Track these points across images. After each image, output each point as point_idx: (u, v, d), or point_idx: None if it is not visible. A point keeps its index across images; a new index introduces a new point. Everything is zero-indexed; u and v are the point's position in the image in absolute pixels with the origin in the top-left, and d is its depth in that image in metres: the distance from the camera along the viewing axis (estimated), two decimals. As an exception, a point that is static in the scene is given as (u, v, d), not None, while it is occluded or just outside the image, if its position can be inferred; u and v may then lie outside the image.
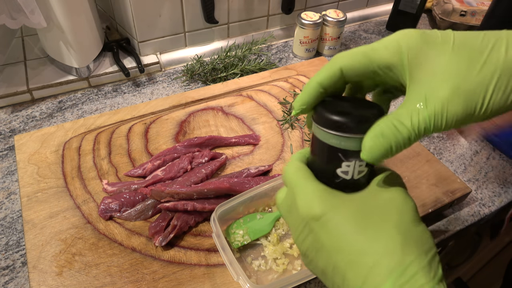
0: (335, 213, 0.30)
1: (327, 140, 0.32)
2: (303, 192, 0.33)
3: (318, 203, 0.31)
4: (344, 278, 0.29)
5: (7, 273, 0.52)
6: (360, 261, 0.29)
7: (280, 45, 1.01)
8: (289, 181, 0.35)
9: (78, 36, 0.76)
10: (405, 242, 0.28)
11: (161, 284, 0.49)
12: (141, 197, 0.58)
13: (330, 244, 0.30)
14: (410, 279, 0.27)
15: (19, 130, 0.72)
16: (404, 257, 0.28)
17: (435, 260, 0.29)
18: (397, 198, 0.31)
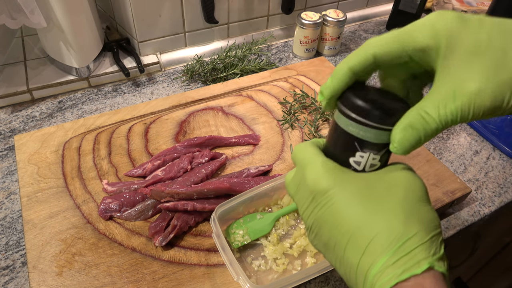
0: (342, 188, 0.31)
1: (346, 127, 0.32)
2: (313, 167, 0.33)
3: (327, 177, 0.31)
4: (344, 250, 0.30)
5: (7, 273, 0.52)
6: (361, 234, 0.29)
7: (280, 45, 1.01)
8: (299, 158, 0.35)
9: (78, 36, 0.76)
10: (407, 217, 0.28)
11: (161, 284, 0.49)
12: (141, 197, 0.58)
13: (334, 217, 0.31)
14: (408, 253, 0.27)
15: (19, 130, 0.72)
16: (405, 231, 0.28)
17: (437, 240, 0.29)
18: (405, 176, 0.31)
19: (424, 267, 0.27)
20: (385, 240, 0.28)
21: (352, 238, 0.29)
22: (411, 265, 0.27)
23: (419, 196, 0.30)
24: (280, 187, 0.57)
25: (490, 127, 0.80)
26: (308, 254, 0.53)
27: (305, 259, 0.53)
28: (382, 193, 0.30)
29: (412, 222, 0.28)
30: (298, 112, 0.76)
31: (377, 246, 0.28)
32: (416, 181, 0.31)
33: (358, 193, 0.30)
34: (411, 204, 0.29)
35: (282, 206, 0.58)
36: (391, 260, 0.27)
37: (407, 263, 0.27)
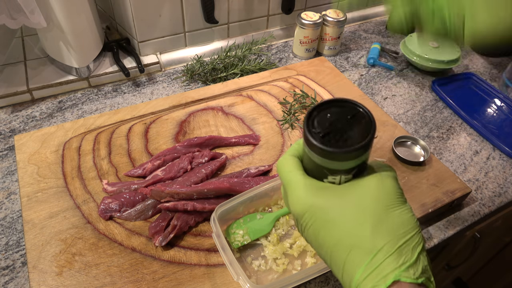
0: (316, 208, 0.32)
1: (313, 158, 0.33)
2: (292, 189, 0.34)
3: (303, 200, 0.33)
4: (331, 266, 0.32)
5: (7, 273, 0.52)
6: (337, 253, 0.30)
7: (280, 45, 1.01)
8: (282, 176, 0.36)
9: (78, 36, 0.76)
10: (375, 229, 0.29)
11: (161, 284, 0.49)
12: (141, 197, 0.58)
13: (316, 238, 0.32)
14: (377, 267, 0.28)
15: (19, 130, 0.72)
16: (373, 246, 0.29)
17: (408, 246, 0.29)
18: (373, 183, 0.32)
19: (389, 281, 0.27)
20: (357, 256, 0.29)
21: (333, 258, 0.31)
22: (378, 280, 0.28)
23: (388, 201, 0.31)
24: (280, 187, 0.57)
25: (490, 127, 0.80)
26: (308, 254, 0.53)
27: (305, 259, 0.53)
28: (353, 206, 0.31)
29: (379, 234, 0.29)
30: (298, 112, 0.76)
31: (351, 263, 0.29)
32: (384, 186, 0.31)
33: (332, 211, 0.31)
34: (379, 213, 0.30)
35: (282, 206, 0.58)
36: (363, 276, 0.28)
37: (375, 277, 0.28)
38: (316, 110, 0.33)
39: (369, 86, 0.89)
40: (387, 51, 1.00)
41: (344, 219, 0.30)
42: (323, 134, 0.31)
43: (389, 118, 0.76)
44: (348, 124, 0.32)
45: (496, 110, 0.85)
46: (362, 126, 0.32)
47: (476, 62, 1.01)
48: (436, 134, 0.78)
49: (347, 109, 0.33)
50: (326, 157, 0.31)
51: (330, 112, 0.33)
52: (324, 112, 0.33)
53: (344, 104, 0.33)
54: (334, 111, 0.33)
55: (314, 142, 0.31)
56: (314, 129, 0.32)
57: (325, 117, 0.33)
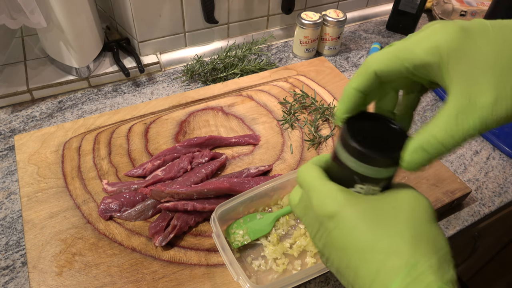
0: (349, 212, 0.30)
1: (346, 161, 0.33)
2: (318, 192, 0.33)
3: (332, 201, 0.31)
4: (355, 276, 0.30)
5: (7, 273, 0.52)
6: (370, 259, 0.29)
7: (280, 45, 1.01)
8: (304, 181, 0.35)
9: (78, 36, 0.76)
10: (414, 240, 0.28)
11: (161, 284, 0.49)
12: (141, 197, 0.58)
13: (343, 242, 0.30)
14: (418, 276, 0.27)
15: (19, 130, 0.72)
16: (412, 255, 0.28)
17: (446, 260, 0.28)
18: (410, 196, 0.31)
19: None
20: (394, 265, 0.28)
21: (362, 263, 0.29)
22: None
23: (425, 216, 0.30)
24: (280, 187, 0.57)
25: (490, 127, 0.80)
26: (308, 254, 0.53)
27: (305, 259, 0.53)
28: (388, 215, 0.30)
29: (419, 245, 0.28)
30: (298, 112, 0.76)
31: (387, 271, 0.28)
32: (421, 201, 0.31)
33: (364, 216, 0.30)
34: (418, 225, 0.29)
35: (282, 206, 0.58)
36: (401, 285, 0.27)
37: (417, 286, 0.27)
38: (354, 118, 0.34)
39: (369, 86, 0.89)
40: (387, 51, 1.00)
41: (381, 225, 0.29)
42: (361, 137, 0.32)
43: (389, 118, 0.76)
44: (384, 135, 0.33)
45: (496, 110, 0.85)
46: (397, 139, 0.32)
47: (476, 62, 1.01)
48: (436, 134, 0.78)
49: (382, 123, 0.34)
50: (362, 160, 0.31)
51: (366, 122, 0.34)
52: (361, 122, 0.34)
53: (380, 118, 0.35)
54: (370, 122, 0.34)
55: (353, 142, 0.31)
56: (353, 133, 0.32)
57: (363, 125, 0.33)
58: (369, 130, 0.33)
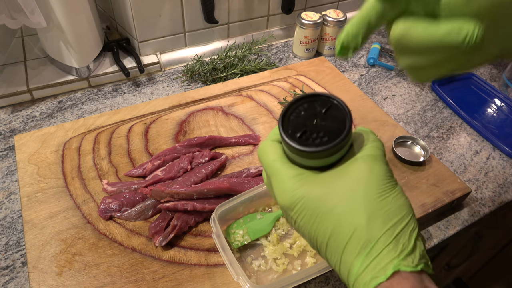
0: (306, 200, 0.31)
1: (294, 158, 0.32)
2: (277, 180, 0.33)
3: (289, 192, 0.32)
4: (328, 261, 0.32)
5: (7, 273, 0.52)
6: (333, 243, 0.30)
7: (280, 45, 1.01)
8: (263, 164, 0.35)
9: (78, 36, 0.76)
10: (370, 218, 0.29)
11: (161, 284, 0.49)
12: (141, 197, 0.58)
13: (309, 230, 0.31)
14: (376, 257, 0.28)
15: (19, 130, 0.72)
16: (370, 235, 0.28)
17: (405, 233, 0.29)
18: (363, 168, 0.31)
19: (389, 272, 0.27)
20: (354, 247, 0.29)
21: (328, 248, 0.30)
22: (378, 271, 0.28)
23: (380, 186, 0.30)
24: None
25: (490, 127, 0.80)
26: (308, 254, 0.53)
27: (305, 259, 0.53)
28: (346, 196, 0.30)
29: (375, 223, 0.29)
30: (298, 112, 0.76)
31: (349, 254, 0.29)
32: (372, 172, 0.30)
33: (323, 202, 0.30)
34: (373, 201, 0.29)
35: (282, 206, 0.58)
36: (362, 267, 0.28)
37: (374, 268, 0.28)
38: (289, 108, 0.32)
39: (369, 86, 0.89)
40: (387, 51, 1.00)
41: (338, 209, 0.30)
42: (300, 133, 0.31)
43: (389, 118, 0.76)
44: (324, 119, 0.31)
45: (496, 110, 0.85)
46: (338, 117, 0.31)
47: (476, 62, 1.01)
48: (436, 134, 0.78)
49: (320, 103, 0.32)
50: (307, 157, 0.31)
51: (303, 109, 0.32)
52: (298, 110, 0.32)
53: (316, 98, 0.32)
54: (307, 107, 0.32)
55: (292, 144, 0.30)
56: (290, 129, 0.31)
57: (300, 115, 0.32)
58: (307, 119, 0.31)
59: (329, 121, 0.31)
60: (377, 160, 0.31)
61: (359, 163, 0.31)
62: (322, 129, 0.31)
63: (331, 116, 0.31)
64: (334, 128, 0.30)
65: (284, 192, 0.32)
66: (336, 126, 0.30)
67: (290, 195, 0.32)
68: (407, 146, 0.71)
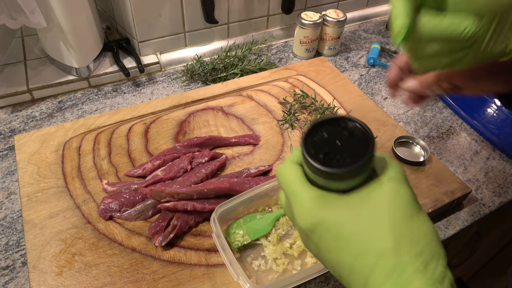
0: (328, 223, 0.30)
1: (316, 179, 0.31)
2: (297, 202, 0.32)
3: (311, 215, 0.31)
4: (348, 284, 0.30)
5: (7, 273, 0.52)
6: (357, 269, 0.29)
7: (280, 45, 1.01)
8: (283, 186, 0.34)
9: (78, 36, 0.76)
10: (398, 242, 0.28)
11: (161, 284, 0.49)
12: (141, 197, 0.58)
13: (330, 254, 0.31)
14: (405, 282, 0.27)
15: (19, 130, 0.72)
16: (398, 260, 0.28)
17: (433, 256, 0.28)
18: (388, 192, 0.30)
19: None
20: (381, 272, 0.28)
21: (352, 271, 0.29)
22: None
23: (406, 210, 0.29)
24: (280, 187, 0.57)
25: (490, 127, 0.80)
26: (308, 254, 0.53)
27: (305, 259, 0.53)
28: (370, 220, 0.29)
29: (402, 247, 0.28)
30: (298, 112, 0.76)
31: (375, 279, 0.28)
32: (398, 196, 0.30)
33: (347, 225, 0.30)
34: (399, 225, 0.29)
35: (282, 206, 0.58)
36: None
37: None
38: (312, 131, 0.32)
39: (369, 86, 0.89)
40: (387, 51, 1.00)
41: (363, 233, 0.29)
42: (323, 155, 0.30)
43: (389, 118, 0.76)
44: (347, 141, 0.31)
45: (496, 110, 0.85)
46: (361, 140, 0.31)
47: (476, 62, 1.01)
48: (436, 134, 0.78)
49: (343, 126, 0.32)
50: (330, 179, 0.30)
51: (326, 131, 0.32)
52: (320, 132, 0.32)
53: (339, 121, 0.32)
54: (330, 129, 0.32)
55: (315, 164, 0.30)
56: (313, 150, 0.31)
57: (322, 137, 0.32)
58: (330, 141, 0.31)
59: (352, 143, 0.31)
60: (402, 184, 0.31)
61: (383, 186, 0.30)
62: (345, 151, 0.30)
63: (354, 139, 0.31)
64: (357, 150, 0.30)
65: (304, 214, 0.31)
66: (359, 149, 0.30)
67: (311, 217, 0.31)
68: (407, 146, 0.71)
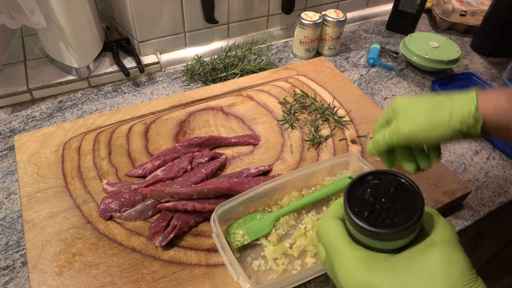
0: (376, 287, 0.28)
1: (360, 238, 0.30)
2: (341, 261, 0.30)
3: (357, 278, 0.29)
4: None
5: (7, 273, 0.52)
6: None
7: (280, 45, 1.01)
8: (325, 243, 0.32)
9: (78, 36, 0.76)
10: None
11: (161, 284, 0.49)
12: (141, 197, 0.58)
13: None
14: None
15: (19, 130, 0.72)
16: None
17: None
18: (442, 256, 0.28)
19: None
20: None
21: None
22: None
23: (462, 279, 0.27)
24: (280, 187, 0.57)
25: (490, 127, 0.79)
26: (308, 254, 0.53)
27: (305, 259, 0.53)
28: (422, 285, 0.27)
29: None
30: (298, 112, 0.76)
31: None
32: (453, 264, 0.28)
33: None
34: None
35: (282, 206, 0.58)
36: None
37: None
38: (354, 186, 0.30)
39: (369, 86, 0.89)
40: (387, 51, 1.00)
41: None
42: (368, 213, 0.29)
43: (389, 118, 0.76)
44: (393, 198, 0.29)
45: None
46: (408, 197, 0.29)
47: (476, 62, 1.01)
48: (436, 134, 0.78)
49: (388, 181, 0.30)
50: (376, 239, 0.29)
51: (370, 186, 0.30)
52: (363, 188, 0.30)
53: (384, 176, 0.31)
54: (373, 185, 0.30)
55: (361, 224, 0.28)
56: (356, 207, 0.29)
57: (365, 193, 0.30)
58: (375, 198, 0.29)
59: (399, 201, 0.29)
60: (456, 248, 0.29)
61: (436, 250, 0.28)
62: (392, 209, 0.29)
63: (400, 196, 0.29)
64: (405, 208, 0.28)
65: (350, 275, 0.29)
66: (407, 206, 0.28)
67: (357, 279, 0.29)
68: (407, 146, 0.71)
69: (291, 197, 0.58)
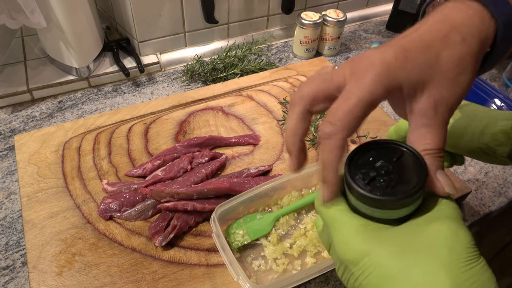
0: (374, 256, 0.27)
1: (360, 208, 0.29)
2: (339, 231, 0.30)
3: (355, 246, 0.28)
4: None
5: (7, 273, 0.52)
6: None
7: (280, 45, 1.01)
8: (322, 213, 0.32)
9: (78, 36, 0.76)
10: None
11: (161, 284, 0.49)
12: (141, 197, 0.58)
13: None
14: None
15: (19, 130, 0.72)
16: None
17: None
18: (446, 231, 0.27)
19: None
20: None
21: None
22: None
23: (464, 255, 0.26)
24: (280, 187, 0.57)
25: (490, 127, 0.79)
26: (308, 254, 0.53)
27: (305, 259, 0.53)
28: (423, 257, 0.26)
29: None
30: (298, 112, 0.76)
31: None
32: (459, 236, 0.27)
33: (394, 261, 0.27)
34: (457, 268, 0.26)
35: (282, 206, 0.58)
36: None
37: None
38: (357, 153, 0.30)
39: (369, 86, 0.89)
40: (387, 51, 1.00)
41: (415, 273, 0.26)
42: (368, 180, 0.28)
43: (389, 118, 0.76)
44: (395, 167, 0.28)
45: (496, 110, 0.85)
46: (411, 167, 0.28)
47: (476, 62, 1.00)
48: (436, 134, 0.78)
49: (390, 151, 0.29)
50: (377, 207, 0.28)
51: (372, 155, 0.29)
52: (366, 156, 0.30)
53: (387, 145, 0.30)
54: (376, 153, 0.30)
55: (360, 190, 0.27)
56: (357, 176, 0.28)
57: (368, 161, 0.29)
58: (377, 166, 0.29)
59: (402, 169, 0.28)
60: (461, 224, 0.28)
61: (440, 224, 0.27)
62: (394, 177, 0.28)
63: (403, 165, 0.29)
64: (408, 178, 0.28)
65: (347, 244, 0.28)
66: (409, 176, 0.28)
67: (354, 248, 0.28)
68: (407, 146, 0.71)
69: (291, 197, 0.58)
